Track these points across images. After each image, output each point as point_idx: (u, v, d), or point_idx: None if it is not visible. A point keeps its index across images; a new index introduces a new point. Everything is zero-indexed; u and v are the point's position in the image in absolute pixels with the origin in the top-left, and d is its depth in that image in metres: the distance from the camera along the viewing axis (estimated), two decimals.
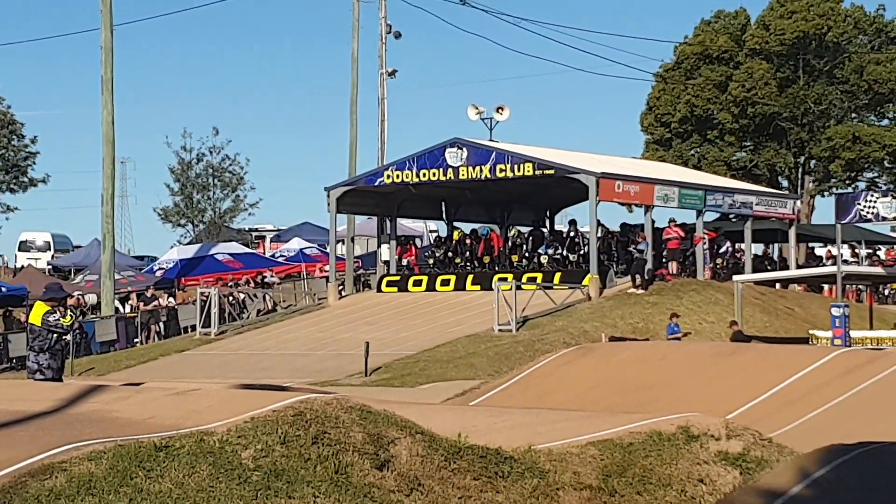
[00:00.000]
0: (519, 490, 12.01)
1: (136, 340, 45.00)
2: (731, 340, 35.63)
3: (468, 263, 46.45)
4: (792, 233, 50.16)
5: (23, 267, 62.58)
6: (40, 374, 18.38)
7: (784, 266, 50.27)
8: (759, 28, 66.63)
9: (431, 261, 47.58)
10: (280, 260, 61.82)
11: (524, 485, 12.10)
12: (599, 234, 43.39)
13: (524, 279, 41.80)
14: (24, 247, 68.24)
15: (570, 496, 12.22)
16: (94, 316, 47.52)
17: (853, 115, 67.16)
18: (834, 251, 45.59)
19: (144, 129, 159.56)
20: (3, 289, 47.72)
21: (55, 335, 18.43)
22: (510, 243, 46.92)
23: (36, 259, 65.72)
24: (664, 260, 44.77)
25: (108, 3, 48.77)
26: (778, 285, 46.38)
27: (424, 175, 44.48)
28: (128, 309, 47.97)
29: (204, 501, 10.29)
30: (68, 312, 18.72)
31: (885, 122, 67.83)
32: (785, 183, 67.31)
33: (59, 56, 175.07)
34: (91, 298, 50.55)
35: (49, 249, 67.90)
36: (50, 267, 64.22)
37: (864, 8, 67.01)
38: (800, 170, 67.41)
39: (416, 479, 11.56)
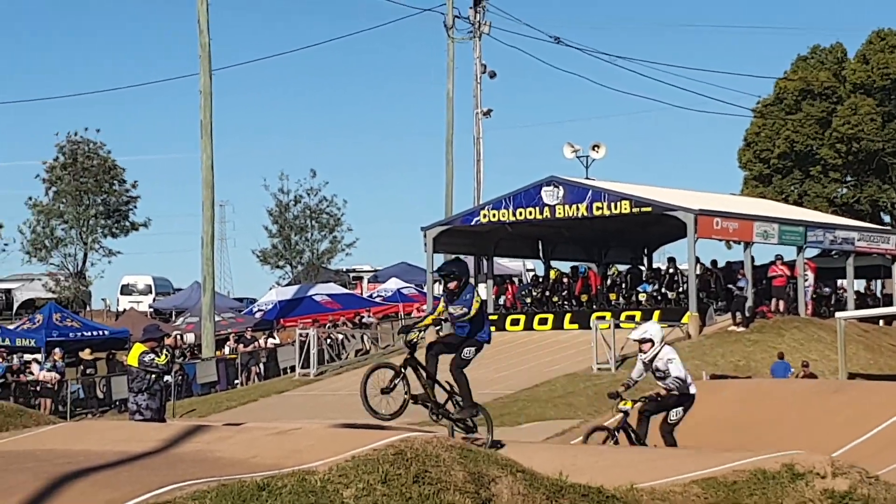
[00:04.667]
0: None
1: (236, 382, 45.31)
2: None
3: (566, 302, 46.26)
4: (895, 268, 49.46)
5: (125, 310, 63.43)
6: (139, 415, 18.55)
7: (888, 302, 49.54)
8: (859, 62, 65.97)
9: (529, 300, 47.48)
10: (377, 300, 62.04)
11: None
12: (698, 272, 43.05)
13: (622, 317, 41.57)
14: (125, 290, 69.13)
15: None
16: (193, 358, 47.94)
17: None
18: None
19: (242, 173, 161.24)
20: (106, 332, 48.39)
21: (153, 375, 18.60)
22: (608, 281, 46.68)
23: (137, 302, 66.56)
24: (767, 297, 44.29)
25: (207, 48, 49.43)
26: (882, 322, 45.69)
27: (521, 214, 44.47)
28: (227, 350, 48.38)
29: None
30: (164, 352, 18.89)
31: None
32: (887, 219, 66.43)
33: (159, 101, 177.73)
34: (189, 338, 51.02)
35: (150, 293, 68.72)
36: (151, 310, 64.98)
37: None
38: None
39: None
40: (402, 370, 15.62)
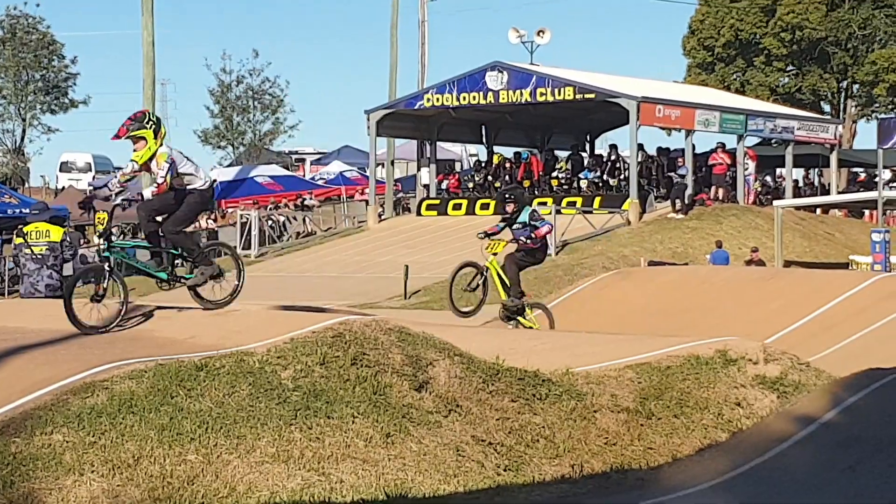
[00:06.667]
0: (556, 412, 12.04)
1: (176, 262, 45.11)
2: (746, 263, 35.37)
3: None
4: (833, 158, 49.84)
5: (64, 188, 62.83)
6: (39, 293, 18.44)
7: (825, 191, 50.02)
8: None
9: (471, 185, 47.54)
10: (320, 183, 61.88)
11: (561, 407, 12.13)
12: (640, 159, 43.24)
13: (564, 203, 41.75)
14: (65, 168, 68.38)
15: (608, 418, 12.25)
16: (134, 237, 47.71)
17: None
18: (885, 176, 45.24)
19: (184, 52, 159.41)
20: None
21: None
22: (553, 170, 46.68)
23: (77, 180, 65.89)
24: (707, 185, 44.60)
25: None
26: (819, 210, 46.15)
27: (465, 98, 44.38)
28: None
29: (244, 420, 10.38)
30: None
31: None
32: (827, 108, 66.74)
33: None
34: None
35: (90, 170, 68.04)
36: (91, 188, 64.32)
37: None
38: (843, 94, 66.80)
39: (454, 400, 11.61)
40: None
